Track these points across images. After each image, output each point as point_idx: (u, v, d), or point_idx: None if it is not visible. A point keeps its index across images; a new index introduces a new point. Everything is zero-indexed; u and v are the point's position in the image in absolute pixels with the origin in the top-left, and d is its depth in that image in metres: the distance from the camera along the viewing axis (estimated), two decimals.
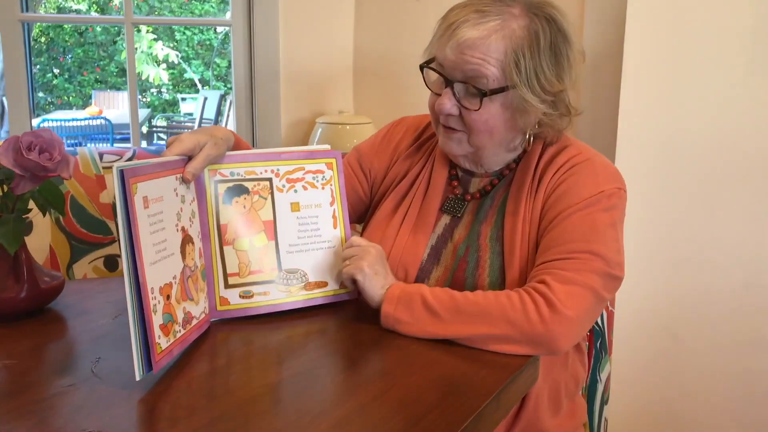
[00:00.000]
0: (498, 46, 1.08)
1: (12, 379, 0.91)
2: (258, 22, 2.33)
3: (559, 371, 1.19)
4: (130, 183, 0.87)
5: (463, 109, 1.13)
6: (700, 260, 1.87)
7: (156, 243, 0.92)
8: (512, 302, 1.02)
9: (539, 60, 1.09)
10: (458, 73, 1.11)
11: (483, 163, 1.22)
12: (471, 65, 1.09)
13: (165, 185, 0.97)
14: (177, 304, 0.97)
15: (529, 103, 1.11)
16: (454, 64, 1.11)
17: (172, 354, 0.94)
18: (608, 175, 1.16)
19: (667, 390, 1.96)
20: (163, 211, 0.95)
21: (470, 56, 1.09)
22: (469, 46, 1.09)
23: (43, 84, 11.46)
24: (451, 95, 1.13)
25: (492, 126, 1.13)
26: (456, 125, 1.15)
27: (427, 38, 1.19)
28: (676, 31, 1.79)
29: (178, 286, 0.97)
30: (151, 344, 0.88)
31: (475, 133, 1.14)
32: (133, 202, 0.87)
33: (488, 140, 1.15)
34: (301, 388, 0.89)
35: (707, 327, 1.90)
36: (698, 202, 1.85)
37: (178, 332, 0.96)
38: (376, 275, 1.10)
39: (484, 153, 1.18)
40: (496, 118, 1.13)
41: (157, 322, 0.90)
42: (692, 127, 1.82)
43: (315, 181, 1.19)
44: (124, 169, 0.87)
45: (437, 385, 0.90)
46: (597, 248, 1.07)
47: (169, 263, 0.95)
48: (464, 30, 1.09)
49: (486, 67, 1.09)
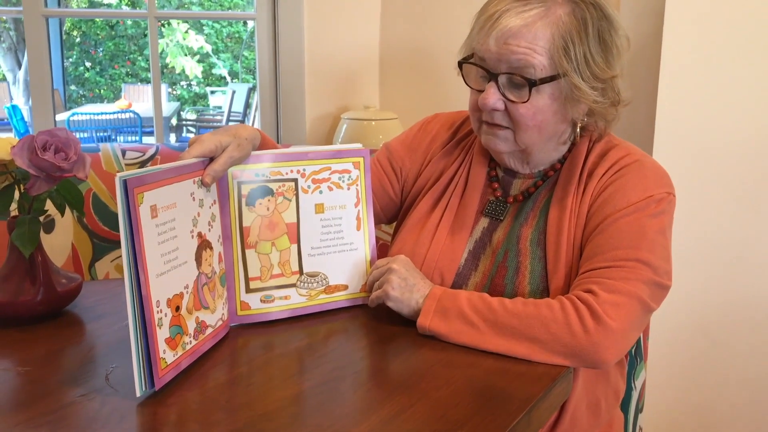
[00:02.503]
0: (544, 34, 1.04)
1: (25, 387, 0.88)
2: (283, 15, 2.29)
3: (602, 385, 1.14)
4: (135, 193, 0.83)
5: (509, 103, 1.08)
6: (740, 262, 1.80)
7: (165, 253, 0.88)
8: (554, 313, 0.98)
9: (588, 45, 1.05)
10: (503, 65, 1.06)
11: (530, 160, 1.16)
12: (517, 55, 1.04)
13: (179, 190, 0.93)
14: (188, 314, 0.93)
15: (580, 90, 1.06)
16: (498, 55, 1.06)
17: (180, 367, 0.91)
18: (658, 179, 1.10)
19: (705, 397, 1.89)
20: (175, 218, 0.91)
21: (515, 46, 1.04)
22: (513, 35, 1.04)
23: (76, 77, 11.61)
24: (495, 89, 1.07)
25: (540, 120, 1.08)
26: (501, 121, 1.10)
27: (456, 30, 1.14)
28: (716, 23, 1.71)
29: (190, 295, 0.94)
30: (155, 360, 0.85)
31: (522, 129, 1.09)
32: (138, 213, 0.83)
33: (536, 136, 1.10)
34: (322, 401, 0.85)
35: (747, 331, 1.82)
36: (740, 202, 1.77)
37: (187, 344, 0.93)
38: (404, 293, 1.07)
39: (533, 150, 1.13)
40: (544, 110, 1.08)
41: (162, 337, 0.87)
42: (734, 124, 1.74)
43: (341, 182, 1.14)
44: (128, 179, 0.82)
45: (466, 399, 0.86)
46: (645, 256, 1.02)
47: (180, 273, 0.92)
48: (507, 19, 1.05)
49: (533, 55, 1.04)
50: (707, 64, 1.73)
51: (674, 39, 1.73)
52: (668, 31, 1.73)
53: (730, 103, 1.74)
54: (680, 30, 1.72)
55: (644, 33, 1.78)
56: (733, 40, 1.71)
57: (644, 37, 1.78)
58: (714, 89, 1.74)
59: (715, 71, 1.73)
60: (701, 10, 1.71)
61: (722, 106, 1.75)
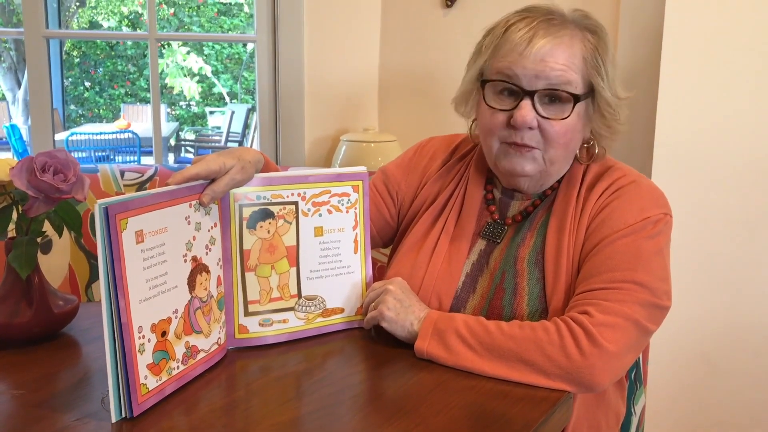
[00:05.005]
0: (576, 52, 1.09)
1: (18, 411, 0.87)
2: (283, 38, 2.30)
3: (602, 409, 1.13)
4: (117, 219, 0.83)
5: (543, 121, 1.09)
6: (740, 285, 1.79)
7: (152, 278, 0.88)
8: (550, 335, 0.98)
9: (609, 66, 1.11)
10: (541, 82, 1.08)
11: (546, 180, 1.17)
12: (556, 72, 1.07)
13: (172, 215, 0.92)
14: (177, 339, 0.93)
15: (609, 107, 1.11)
16: (536, 72, 1.07)
17: (164, 393, 0.90)
18: (654, 200, 1.11)
19: (704, 422, 1.87)
20: (165, 243, 0.90)
21: (554, 62, 1.07)
22: (549, 53, 1.07)
23: (75, 97, 11.65)
24: (531, 107, 1.08)
25: (570, 138, 1.11)
26: (531, 141, 1.10)
27: (454, 54, 1.15)
28: (715, 45, 1.72)
29: (179, 320, 0.93)
30: (134, 386, 0.84)
31: (553, 147, 1.10)
32: (120, 239, 0.83)
33: (563, 153, 1.12)
34: (320, 426, 0.84)
35: (747, 356, 1.81)
36: (739, 221, 1.77)
37: (174, 369, 0.92)
38: (399, 315, 1.07)
39: (554, 168, 1.14)
40: (574, 128, 1.11)
41: (144, 362, 0.86)
42: (733, 146, 1.75)
43: (340, 205, 1.14)
44: (109, 206, 0.82)
45: (465, 425, 0.85)
46: (641, 278, 1.02)
47: (168, 298, 0.91)
48: (541, 39, 1.08)
49: (570, 73, 1.08)
50: (705, 85, 1.74)
51: (672, 61, 1.74)
52: (667, 53, 1.74)
53: (729, 125, 1.74)
54: (678, 52, 1.73)
55: (643, 55, 1.80)
56: (731, 61, 1.72)
57: (643, 59, 1.79)
58: (712, 111, 1.75)
59: (714, 93, 1.74)
60: (699, 31, 1.73)
61: (720, 128, 1.75)
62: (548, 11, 1.11)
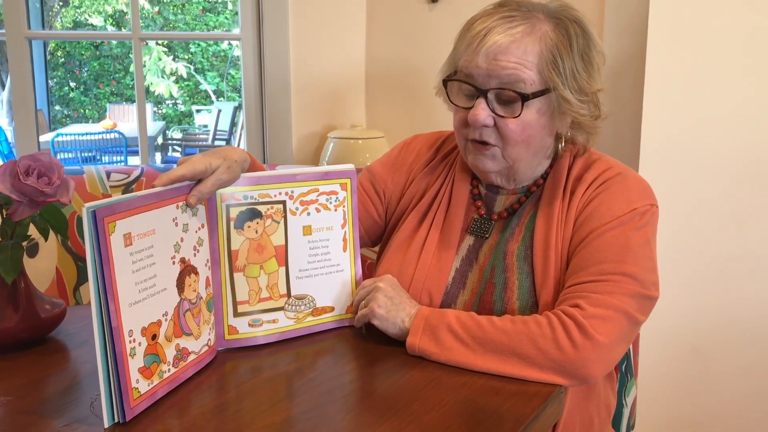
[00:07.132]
0: (533, 49, 1.06)
1: (5, 418, 0.86)
2: (268, 35, 2.29)
3: (593, 401, 1.14)
4: (105, 223, 0.81)
5: (498, 119, 1.09)
6: (729, 275, 1.80)
7: (141, 281, 0.87)
8: (542, 329, 0.98)
9: (574, 60, 1.08)
10: (493, 81, 1.07)
11: (516, 177, 1.17)
12: (507, 70, 1.06)
13: (159, 217, 0.91)
14: (167, 342, 0.92)
15: (569, 103, 1.08)
16: (488, 71, 1.07)
17: (156, 396, 0.89)
18: (641, 191, 1.11)
19: (695, 413, 1.89)
20: (153, 245, 0.89)
21: (505, 61, 1.06)
22: (502, 51, 1.06)
23: (60, 97, 11.55)
24: (485, 105, 1.08)
25: (528, 135, 1.09)
26: (489, 138, 1.10)
27: (441, 49, 1.14)
28: (699, 38, 1.73)
29: (169, 322, 0.92)
30: (125, 391, 0.83)
31: (511, 145, 1.10)
32: (109, 242, 0.82)
33: (524, 151, 1.11)
34: (312, 427, 0.84)
35: (738, 347, 1.82)
36: (726, 215, 1.78)
37: (165, 372, 0.91)
38: (389, 312, 1.06)
39: (519, 165, 1.14)
40: (533, 125, 1.09)
41: (135, 366, 0.85)
42: (718, 138, 1.75)
43: (328, 203, 1.14)
44: (97, 209, 0.81)
45: (457, 422, 0.85)
46: (630, 269, 1.02)
47: (157, 300, 0.90)
48: (494, 36, 1.06)
49: (523, 71, 1.06)
50: (691, 78, 1.75)
51: (658, 54, 1.74)
52: (652, 47, 1.74)
53: (714, 117, 1.75)
54: (664, 45, 1.74)
55: (628, 49, 1.80)
56: (717, 54, 1.72)
57: (628, 53, 1.80)
58: (697, 103, 1.75)
59: (699, 85, 1.75)
60: (685, 24, 1.73)
61: (706, 120, 1.76)
62: (517, 5, 1.10)
